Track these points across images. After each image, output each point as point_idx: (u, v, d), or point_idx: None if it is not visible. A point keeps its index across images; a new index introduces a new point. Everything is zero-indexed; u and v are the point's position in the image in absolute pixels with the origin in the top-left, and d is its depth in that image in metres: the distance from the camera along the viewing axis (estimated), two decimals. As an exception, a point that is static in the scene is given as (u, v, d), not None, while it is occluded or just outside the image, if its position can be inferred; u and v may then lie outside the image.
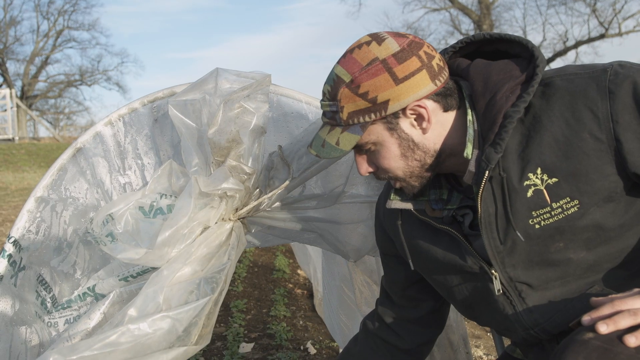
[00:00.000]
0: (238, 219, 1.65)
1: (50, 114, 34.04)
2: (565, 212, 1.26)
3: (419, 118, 1.31)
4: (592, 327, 1.08)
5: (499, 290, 1.37)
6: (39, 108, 33.01)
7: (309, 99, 1.81)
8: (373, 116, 1.29)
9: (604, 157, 1.22)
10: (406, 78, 1.27)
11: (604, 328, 1.05)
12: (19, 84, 30.67)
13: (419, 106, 1.29)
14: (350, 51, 1.32)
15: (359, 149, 1.38)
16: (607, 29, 25.22)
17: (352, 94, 1.29)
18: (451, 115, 1.34)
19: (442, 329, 1.75)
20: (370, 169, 1.40)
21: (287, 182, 1.66)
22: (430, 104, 1.30)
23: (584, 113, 1.23)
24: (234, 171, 1.56)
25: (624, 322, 1.06)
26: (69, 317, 1.67)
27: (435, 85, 1.29)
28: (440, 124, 1.34)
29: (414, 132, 1.33)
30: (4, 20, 29.56)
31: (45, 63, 31.89)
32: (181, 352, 1.43)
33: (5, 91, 21.01)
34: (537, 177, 1.27)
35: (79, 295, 1.67)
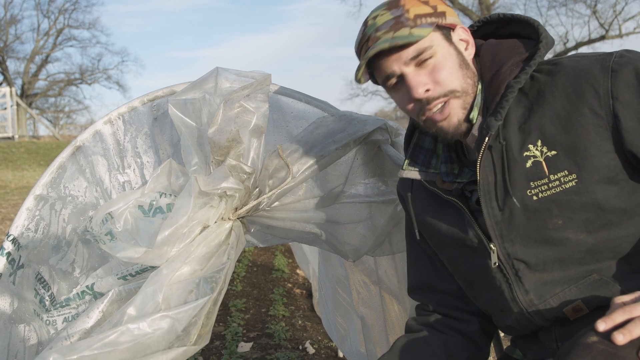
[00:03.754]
0: (237, 218, 1.64)
1: (50, 113, 34.04)
2: (563, 186, 1.28)
3: (465, 41, 1.40)
4: (594, 329, 1.07)
5: (495, 263, 1.38)
6: (39, 106, 33.00)
7: (308, 98, 1.81)
8: (435, 20, 1.35)
9: (603, 134, 1.25)
10: (450, 7, 1.40)
11: (620, 338, 1.04)
12: (19, 82, 30.67)
13: (464, 29, 1.40)
14: None
15: (415, 61, 1.35)
16: (607, 31, 25.22)
17: (416, 0, 1.36)
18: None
19: None
20: (428, 86, 1.35)
21: (286, 182, 1.65)
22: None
23: (586, 89, 1.27)
24: (234, 170, 1.56)
25: (638, 331, 1.05)
26: (68, 316, 1.67)
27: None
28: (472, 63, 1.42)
29: (464, 51, 1.40)
30: (5, 18, 29.56)
31: (45, 61, 31.88)
32: (180, 352, 1.43)
33: (5, 89, 21.00)
34: (537, 149, 1.31)
35: (77, 293, 1.67)
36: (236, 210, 1.63)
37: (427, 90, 1.35)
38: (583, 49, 25.94)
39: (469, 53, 1.40)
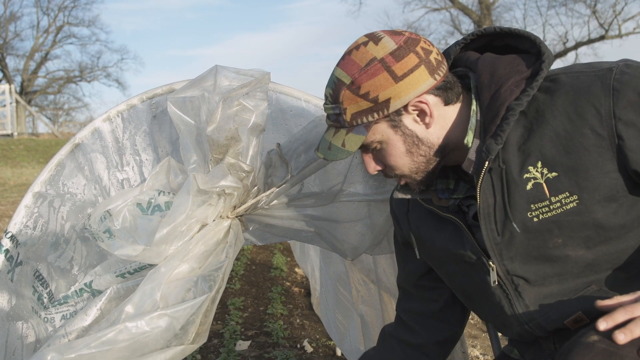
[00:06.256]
0: (236, 216, 1.64)
1: (49, 110, 33.99)
2: (564, 207, 1.26)
3: (421, 113, 1.33)
4: (595, 328, 1.07)
5: (494, 282, 1.38)
6: (38, 104, 32.94)
7: (308, 96, 1.81)
8: (376, 115, 1.31)
9: (605, 154, 1.23)
10: (405, 75, 1.28)
11: (621, 337, 1.04)
12: (18, 79, 30.62)
13: (420, 102, 1.31)
14: (348, 53, 1.34)
15: (365, 148, 1.40)
16: (607, 31, 25.22)
17: (354, 95, 1.30)
18: (454, 109, 1.36)
19: (462, 328, 1.70)
20: (379, 167, 1.42)
21: (285, 180, 1.65)
22: (431, 99, 1.32)
23: (587, 109, 1.24)
24: (233, 169, 1.56)
25: (639, 330, 1.04)
26: (66, 313, 1.67)
27: (435, 79, 1.31)
28: (442, 117, 1.35)
29: (417, 128, 1.34)
30: (4, 15, 29.51)
31: (44, 59, 31.82)
32: (178, 351, 1.43)
33: (5, 87, 20.97)
34: (537, 171, 1.28)
35: (75, 291, 1.67)
36: (235, 208, 1.63)
37: (379, 170, 1.43)
38: (583, 49, 25.94)
39: (427, 124, 1.34)
